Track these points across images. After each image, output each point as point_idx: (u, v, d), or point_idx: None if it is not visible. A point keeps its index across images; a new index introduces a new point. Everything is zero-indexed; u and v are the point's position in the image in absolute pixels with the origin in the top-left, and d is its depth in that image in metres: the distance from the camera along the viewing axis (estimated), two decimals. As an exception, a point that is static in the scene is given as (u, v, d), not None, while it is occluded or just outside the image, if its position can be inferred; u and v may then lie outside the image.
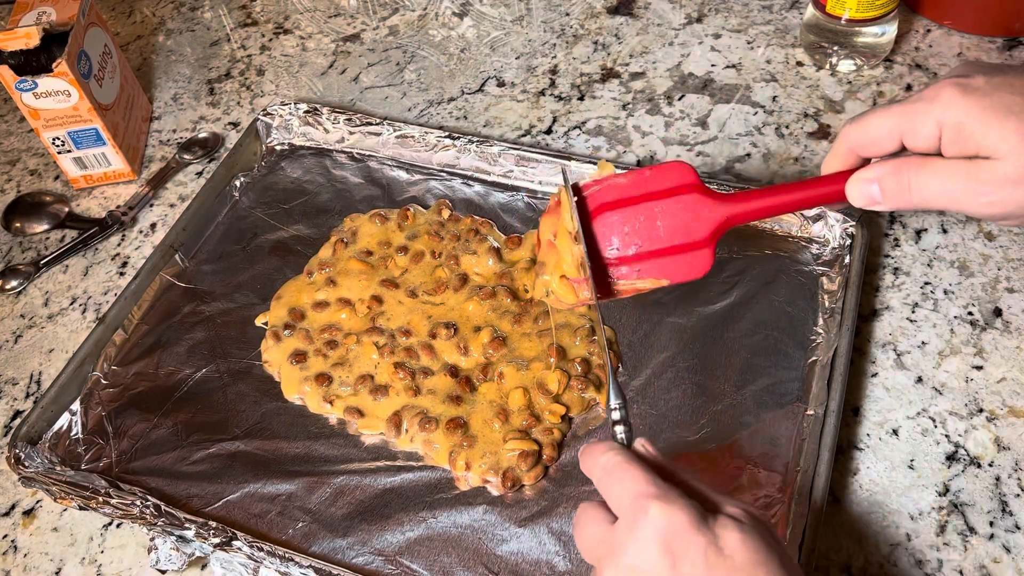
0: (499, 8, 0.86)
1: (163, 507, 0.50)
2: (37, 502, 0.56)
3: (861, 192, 0.40)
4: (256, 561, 0.48)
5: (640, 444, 0.39)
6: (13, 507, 0.56)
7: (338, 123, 0.72)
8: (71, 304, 0.66)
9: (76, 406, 0.58)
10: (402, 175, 0.70)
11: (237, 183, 0.71)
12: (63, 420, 0.57)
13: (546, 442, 0.52)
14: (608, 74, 0.77)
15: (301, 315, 0.61)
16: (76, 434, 0.57)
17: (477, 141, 0.68)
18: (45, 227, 0.72)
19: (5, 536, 0.54)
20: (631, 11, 0.82)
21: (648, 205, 0.45)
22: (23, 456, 0.54)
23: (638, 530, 0.34)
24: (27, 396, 0.61)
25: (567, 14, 0.84)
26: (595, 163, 0.64)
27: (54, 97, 0.68)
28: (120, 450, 0.56)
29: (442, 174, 0.69)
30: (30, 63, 0.67)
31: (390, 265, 0.62)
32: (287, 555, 0.48)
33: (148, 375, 0.59)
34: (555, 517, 0.50)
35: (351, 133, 0.72)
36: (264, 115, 0.73)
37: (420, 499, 0.52)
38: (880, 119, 0.39)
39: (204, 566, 0.51)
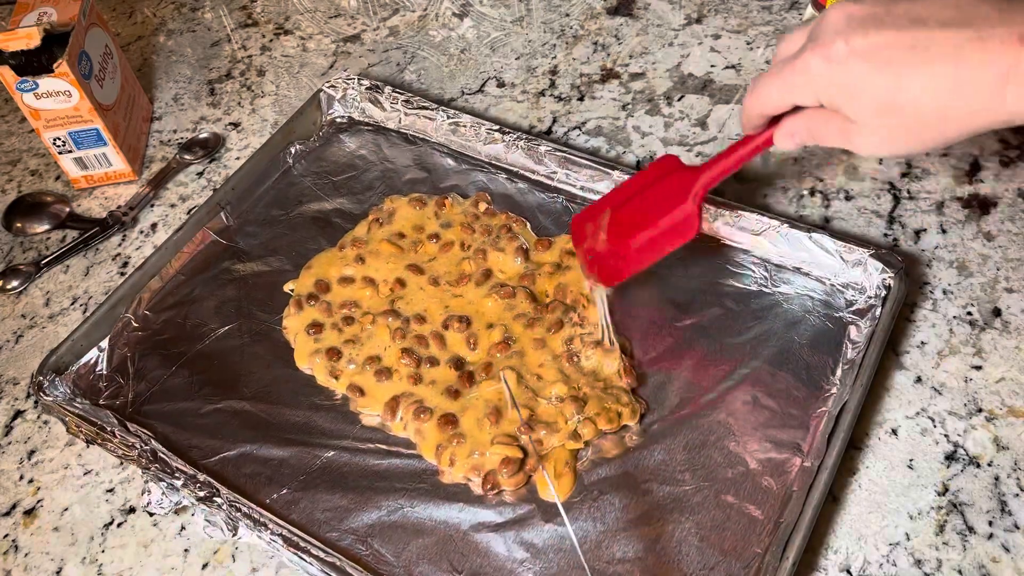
0: (499, 9, 0.86)
1: (159, 453, 0.53)
2: (38, 502, 0.56)
3: (784, 140, 0.47)
4: (234, 520, 0.50)
5: None
6: (14, 507, 0.56)
7: (396, 103, 0.73)
8: (72, 304, 0.67)
9: (105, 343, 0.61)
10: (449, 162, 0.70)
11: (292, 150, 0.72)
12: (91, 355, 0.60)
13: (532, 452, 0.52)
14: (608, 74, 0.77)
15: (326, 287, 0.62)
16: (101, 370, 0.60)
17: (526, 137, 0.68)
18: (46, 227, 0.72)
19: (6, 536, 0.54)
20: (631, 12, 0.83)
21: (639, 194, 0.54)
22: (46, 384, 0.57)
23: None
24: (28, 396, 0.61)
25: (567, 15, 0.84)
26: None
27: (55, 97, 0.68)
28: (137, 391, 0.58)
29: (488, 167, 0.69)
30: (31, 64, 0.67)
31: (419, 251, 0.63)
32: (261, 519, 0.49)
33: (176, 324, 0.62)
34: (528, 527, 0.50)
35: (407, 115, 0.72)
36: (328, 86, 0.74)
37: (403, 486, 0.52)
38: (769, 96, 0.45)
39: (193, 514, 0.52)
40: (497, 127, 0.69)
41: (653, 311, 0.58)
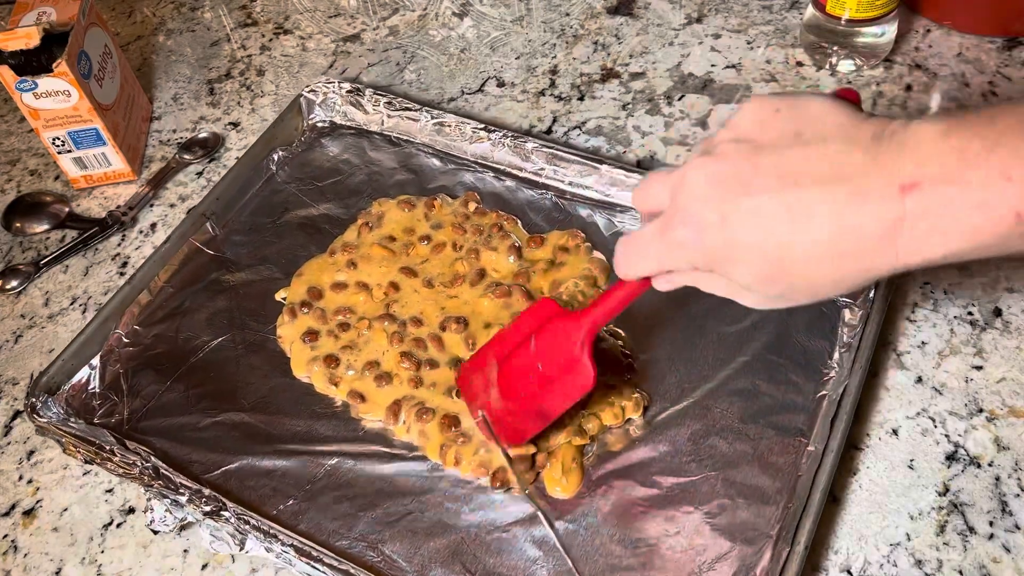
0: (499, 8, 0.86)
1: (161, 470, 0.52)
2: (37, 502, 0.56)
3: (665, 286, 0.44)
4: (242, 533, 0.49)
5: None
6: (13, 507, 0.56)
7: (379, 105, 0.72)
8: (71, 304, 0.66)
9: (96, 361, 0.60)
10: (435, 163, 0.70)
11: (275, 156, 0.71)
12: (82, 373, 0.59)
13: (542, 447, 0.52)
14: (608, 74, 0.77)
15: (319, 294, 0.61)
16: (93, 388, 0.59)
17: (512, 135, 0.68)
18: (45, 227, 0.72)
19: (5, 536, 0.54)
20: (631, 11, 0.82)
21: (524, 344, 0.50)
22: (39, 405, 0.56)
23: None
24: (27, 396, 0.61)
25: (567, 14, 0.84)
26: (628, 169, 0.64)
27: (54, 97, 0.68)
28: (132, 408, 0.57)
29: (475, 166, 0.69)
30: (30, 63, 0.67)
31: (411, 253, 0.63)
32: (271, 531, 0.49)
33: (167, 338, 0.61)
34: (539, 525, 0.50)
35: (390, 116, 0.72)
36: (308, 91, 0.73)
37: (410, 490, 0.52)
38: (643, 265, 0.43)
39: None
40: (482, 125, 0.69)
41: (647, 305, 0.58)
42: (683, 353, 0.56)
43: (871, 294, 0.55)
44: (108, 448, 0.53)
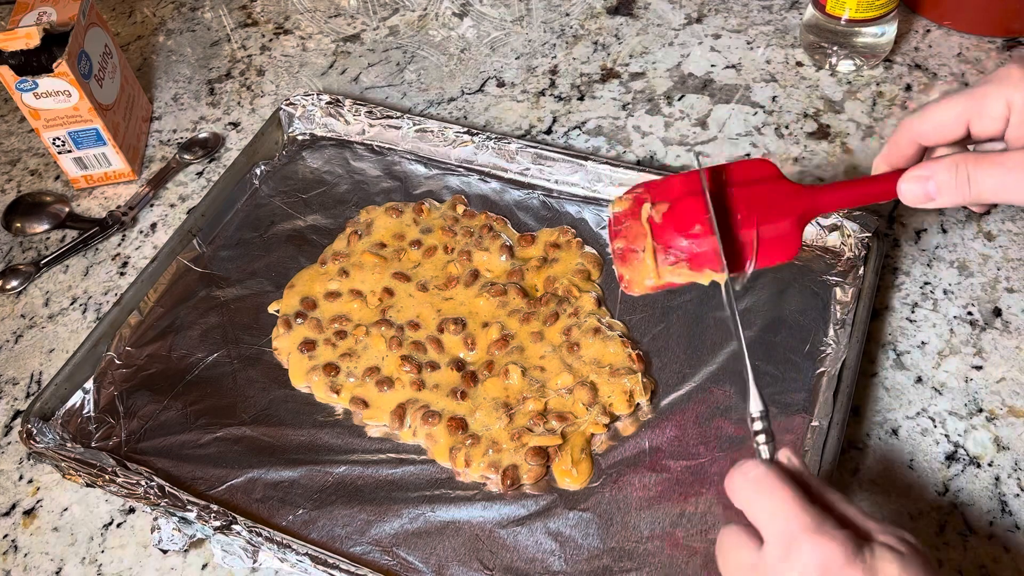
0: (499, 8, 0.86)
1: (167, 488, 0.51)
2: (38, 502, 0.56)
3: (914, 189, 0.38)
4: (254, 546, 0.49)
5: (784, 456, 0.36)
6: (14, 507, 0.56)
7: (359, 115, 0.72)
8: (71, 304, 0.66)
9: (89, 384, 0.59)
10: (420, 169, 0.70)
11: (257, 171, 0.71)
12: (76, 398, 0.58)
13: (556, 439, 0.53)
14: (608, 74, 0.77)
15: (313, 304, 0.61)
16: (88, 412, 0.58)
17: (495, 137, 0.68)
18: (45, 227, 0.72)
19: (5, 536, 0.54)
20: (631, 11, 0.82)
21: (736, 192, 0.45)
22: (35, 431, 0.55)
23: (791, 564, 0.32)
24: (27, 396, 0.61)
25: (567, 14, 0.84)
26: (614, 165, 0.64)
27: (54, 97, 0.68)
28: (130, 430, 0.57)
29: (460, 169, 0.69)
30: (30, 63, 0.67)
31: (403, 258, 0.63)
32: (284, 541, 0.49)
33: (161, 357, 0.60)
34: (552, 517, 0.50)
35: (371, 126, 0.72)
36: (287, 105, 0.73)
37: (420, 492, 0.52)
38: (946, 104, 0.37)
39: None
40: (464, 129, 0.69)
41: (642, 295, 0.59)
42: (681, 339, 0.57)
43: (861, 271, 0.56)
44: (110, 470, 0.52)
